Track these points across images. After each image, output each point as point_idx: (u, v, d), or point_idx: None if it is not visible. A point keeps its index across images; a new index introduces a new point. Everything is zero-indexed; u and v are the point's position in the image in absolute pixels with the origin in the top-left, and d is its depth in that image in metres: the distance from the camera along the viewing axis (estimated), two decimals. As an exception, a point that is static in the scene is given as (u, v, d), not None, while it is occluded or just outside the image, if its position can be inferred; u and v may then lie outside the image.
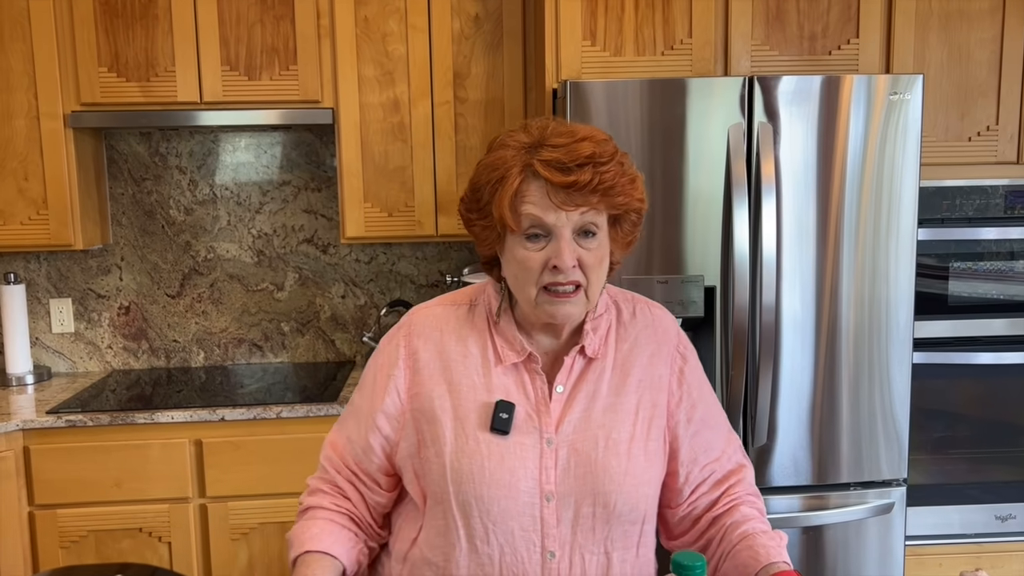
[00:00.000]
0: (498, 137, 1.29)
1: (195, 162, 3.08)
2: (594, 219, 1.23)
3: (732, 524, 1.32)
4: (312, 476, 1.41)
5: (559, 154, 1.20)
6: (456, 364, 1.31)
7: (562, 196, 1.20)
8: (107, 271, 3.09)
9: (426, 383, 1.31)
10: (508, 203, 1.22)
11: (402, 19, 2.75)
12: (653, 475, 1.31)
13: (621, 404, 1.31)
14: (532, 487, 1.26)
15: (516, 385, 1.30)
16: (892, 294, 2.37)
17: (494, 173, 1.24)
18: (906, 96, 2.31)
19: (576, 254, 1.22)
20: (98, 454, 2.53)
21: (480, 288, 1.39)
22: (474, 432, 1.27)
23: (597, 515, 1.27)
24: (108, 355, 3.13)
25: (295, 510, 2.57)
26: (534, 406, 1.29)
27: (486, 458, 1.25)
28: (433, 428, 1.29)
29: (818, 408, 2.39)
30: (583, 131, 1.23)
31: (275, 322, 3.16)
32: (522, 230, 1.22)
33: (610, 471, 1.26)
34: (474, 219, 1.29)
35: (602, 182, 1.20)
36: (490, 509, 1.25)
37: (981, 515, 2.62)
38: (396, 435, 1.33)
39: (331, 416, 2.57)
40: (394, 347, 1.36)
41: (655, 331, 1.37)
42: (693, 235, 2.31)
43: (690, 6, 2.45)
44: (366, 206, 2.81)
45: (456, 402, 1.29)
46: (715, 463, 1.36)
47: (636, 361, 1.34)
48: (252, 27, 2.72)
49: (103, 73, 2.70)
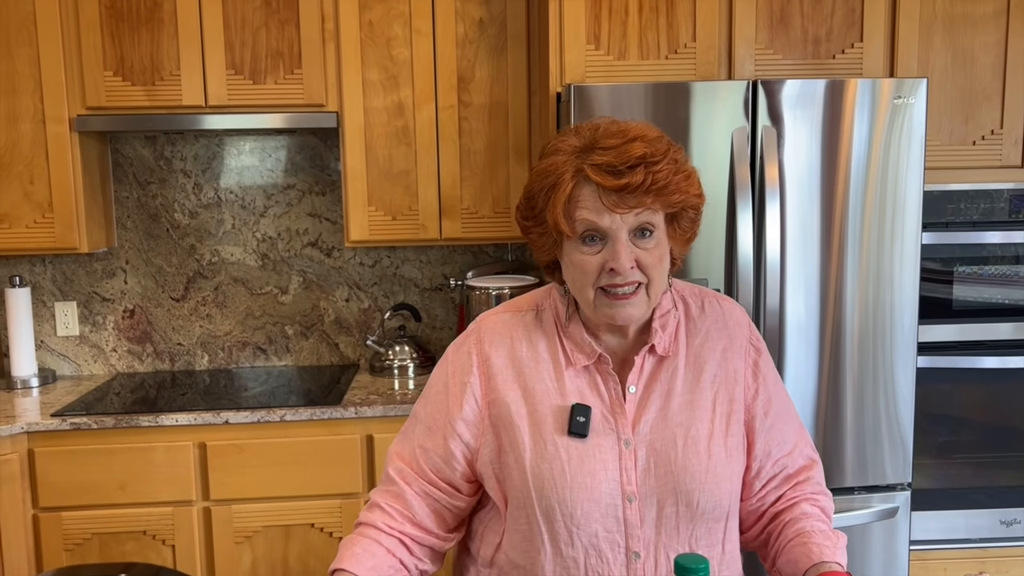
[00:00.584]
0: (550, 142, 1.28)
1: (200, 166, 3.09)
2: (650, 218, 1.22)
3: (791, 520, 1.31)
4: (376, 489, 1.38)
5: (610, 157, 1.19)
6: (528, 369, 1.31)
7: (615, 199, 1.19)
8: (112, 274, 3.10)
9: (501, 389, 1.31)
10: (562, 209, 1.22)
11: (406, 23, 2.76)
12: (734, 470, 1.30)
13: (697, 400, 1.30)
14: (613, 489, 1.25)
15: (590, 387, 1.30)
16: (896, 298, 2.37)
17: (547, 180, 1.24)
18: (910, 100, 2.31)
19: (633, 255, 1.22)
20: (102, 457, 2.54)
21: (544, 293, 1.39)
22: (552, 437, 1.27)
23: (680, 514, 1.26)
24: (113, 358, 3.14)
25: (299, 513, 2.60)
26: (609, 408, 1.29)
27: (566, 462, 1.25)
28: (511, 434, 1.29)
29: (822, 412, 2.39)
30: (634, 130, 1.23)
31: (279, 325, 3.17)
32: (577, 235, 1.23)
33: (691, 469, 1.26)
34: (530, 226, 1.29)
35: (655, 182, 1.19)
36: (573, 513, 1.24)
37: (986, 520, 2.61)
38: (476, 442, 1.32)
39: (335, 419, 2.58)
40: (465, 354, 1.35)
41: (726, 324, 1.36)
42: (697, 239, 2.31)
43: (694, 10, 2.46)
44: (370, 210, 2.82)
45: (532, 407, 1.29)
46: (787, 457, 1.35)
47: (709, 356, 1.33)
48: (257, 31, 2.73)
49: (108, 77, 2.71)
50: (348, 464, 2.59)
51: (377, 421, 2.59)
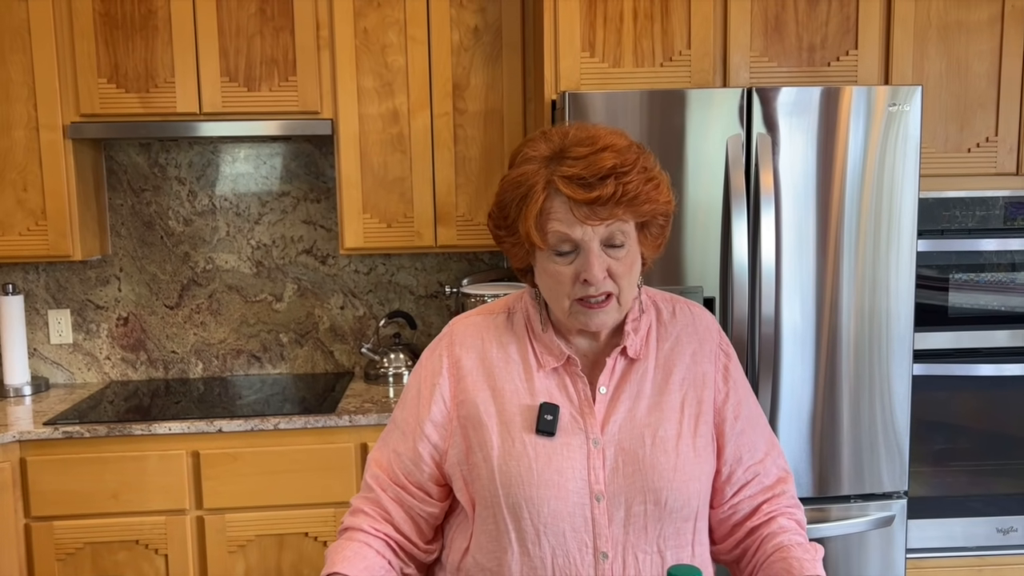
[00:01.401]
0: (519, 149, 1.30)
1: (194, 173, 3.09)
2: (621, 228, 1.23)
3: (768, 535, 1.32)
4: (356, 496, 1.40)
5: (580, 168, 1.20)
6: (499, 370, 1.33)
7: (586, 211, 1.20)
8: (106, 282, 3.10)
9: (470, 390, 1.33)
10: (534, 222, 1.23)
11: (401, 31, 2.76)
12: (703, 470, 1.31)
13: (665, 402, 1.32)
14: (581, 487, 1.26)
15: (559, 388, 1.31)
16: (892, 306, 2.38)
17: (518, 191, 1.25)
18: (905, 107, 2.32)
19: (605, 265, 1.23)
20: (95, 466, 2.53)
21: (517, 297, 1.41)
22: (520, 435, 1.28)
23: (649, 513, 1.27)
24: (106, 366, 3.14)
25: (292, 522, 2.59)
26: (578, 408, 1.30)
27: (533, 460, 1.26)
28: (479, 433, 1.30)
29: (818, 420, 2.40)
30: (604, 138, 1.23)
31: (274, 333, 3.17)
32: (550, 246, 1.24)
33: (659, 467, 1.27)
34: (503, 236, 1.31)
35: (626, 193, 1.20)
36: (540, 511, 1.25)
37: (983, 528, 2.62)
38: (444, 443, 1.33)
39: (329, 428, 2.58)
40: (437, 357, 1.37)
41: (696, 329, 1.38)
42: (692, 246, 2.32)
43: (688, 17, 2.47)
44: (365, 217, 2.82)
45: (500, 407, 1.31)
46: (759, 465, 1.36)
47: (679, 360, 1.35)
48: (252, 38, 2.74)
49: (103, 84, 2.71)
50: (342, 472, 2.58)
51: (372, 429, 2.58)
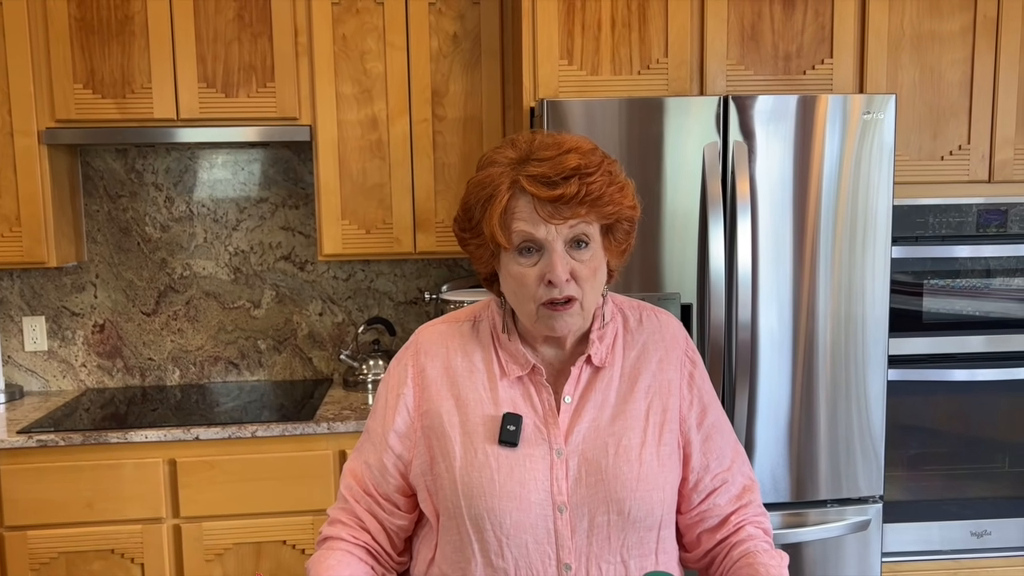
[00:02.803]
0: (486, 154, 1.31)
1: (171, 179, 3.10)
2: (585, 230, 1.25)
3: (736, 543, 1.34)
4: (332, 506, 1.41)
5: (544, 168, 1.22)
6: (462, 379, 1.34)
7: (549, 209, 1.22)
8: (81, 288, 3.10)
9: (434, 399, 1.34)
10: (498, 221, 1.25)
11: (380, 37, 2.79)
12: (667, 479, 1.32)
13: (630, 411, 1.33)
14: (544, 498, 1.27)
15: (523, 398, 1.32)
16: (868, 311, 2.42)
17: (483, 191, 1.27)
18: (879, 115, 2.37)
19: (569, 266, 1.25)
20: (70, 474, 2.53)
21: (483, 305, 1.43)
22: (483, 445, 1.29)
23: (612, 523, 1.28)
24: (82, 373, 3.14)
25: (270, 530, 2.60)
26: (542, 418, 1.31)
27: (495, 471, 1.27)
28: (443, 443, 1.31)
29: (795, 425, 2.44)
30: (569, 142, 1.26)
31: (252, 340, 3.18)
32: (514, 246, 1.26)
33: (621, 477, 1.28)
34: (468, 238, 1.32)
35: (589, 193, 1.22)
36: (502, 522, 1.26)
37: (957, 531, 2.67)
38: (408, 453, 1.34)
39: (307, 435, 2.59)
40: (402, 367, 1.38)
41: (663, 337, 1.39)
42: (670, 253, 2.36)
43: (666, 26, 2.51)
44: (344, 223, 2.84)
45: (464, 417, 1.31)
46: (726, 473, 1.37)
47: (644, 368, 1.36)
48: (229, 44, 2.75)
49: (78, 90, 2.72)
50: (320, 480, 2.60)
51: (350, 437, 2.60)
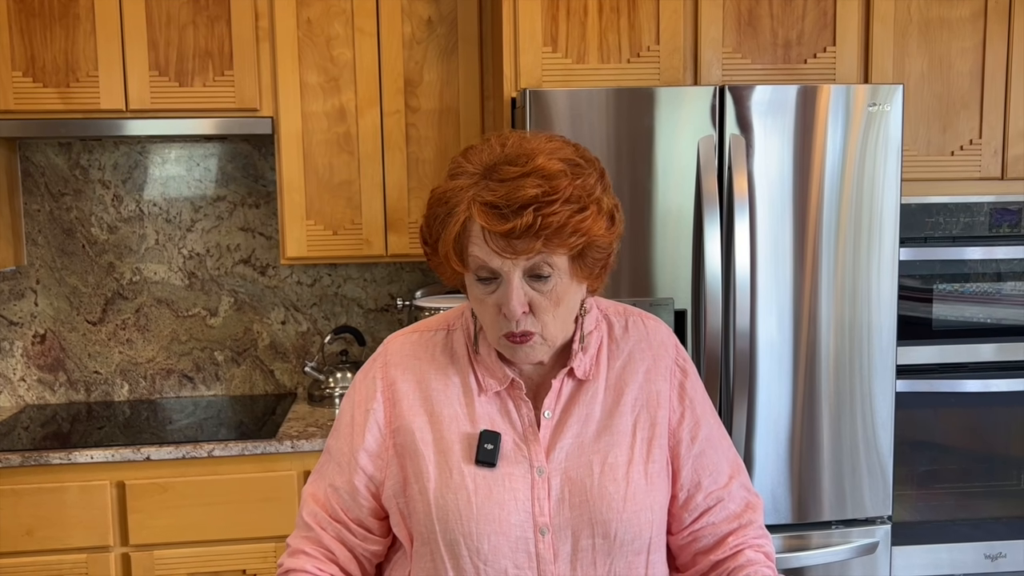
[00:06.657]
0: (456, 159, 1.26)
1: (120, 176, 3.05)
2: (547, 260, 1.19)
3: (735, 568, 1.32)
4: (292, 535, 1.37)
5: (499, 194, 1.16)
6: (437, 394, 1.32)
7: (501, 243, 1.17)
8: (20, 295, 3.04)
9: (406, 415, 1.31)
10: (452, 243, 1.20)
11: (348, 22, 2.75)
12: (656, 499, 1.30)
13: (616, 425, 1.30)
14: (524, 520, 1.25)
15: (501, 414, 1.30)
16: (874, 318, 2.40)
17: (443, 208, 1.22)
18: (885, 107, 2.35)
19: (527, 298, 1.21)
20: (7, 499, 2.48)
21: (457, 313, 1.39)
22: (458, 465, 1.26)
23: (597, 547, 1.26)
24: (21, 388, 3.07)
25: (229, 558, 2.54)
26: (521, 435, 1.29)
27: (472, 492, 1.25)
28: (416, 463, 1.29)
29: (797, 441, 2.41)
30: (535, 161, 1.18)
31: (208, 351, 3.13)
32: (471, 271, 1.22)
33: (607, 498, 1.26)
34: (429, 252, 1.28)
35: (545, 226, 1.15)
36: (480, 547, 1.24)
37: (970, 554, 2.65)
38: (381, 473, 1.32)
39: (268, 454, 2.55)
40: (370, 380, 1.35)
41: (650, 344, 1.37)
42: (663, 255, 2.33)
43: (657, 11, 2.49)
44: (309, 224, 2.80)
45: (438, 434, 1.29)
46: (722, 491, 1.35)
47: (631, 379, 1.33)
48: (184, 29, 2.70)
49: (17, 78, 2.66)
50: (284, 504, 2.55)
51: (316, 456, 2.55)
